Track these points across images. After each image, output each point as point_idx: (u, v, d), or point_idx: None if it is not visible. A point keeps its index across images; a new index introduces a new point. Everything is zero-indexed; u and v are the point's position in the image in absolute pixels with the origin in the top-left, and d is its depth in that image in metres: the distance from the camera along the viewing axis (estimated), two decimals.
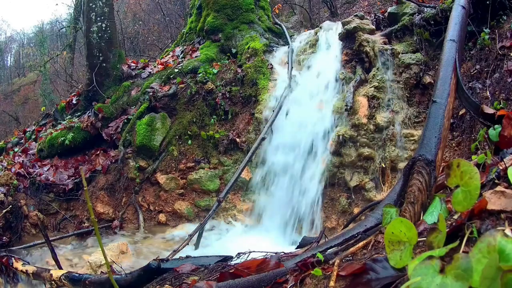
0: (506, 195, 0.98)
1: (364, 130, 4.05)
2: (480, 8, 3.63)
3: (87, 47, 5.91)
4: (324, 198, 4.12)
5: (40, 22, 49.68)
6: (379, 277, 0.97)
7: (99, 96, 5.71)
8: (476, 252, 0.73)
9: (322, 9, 12.72)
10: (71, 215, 4.75)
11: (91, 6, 5.75)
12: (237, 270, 1.46)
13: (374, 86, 4.18)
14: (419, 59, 4.14)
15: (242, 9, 6.01)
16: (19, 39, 38.09)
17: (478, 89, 3.35)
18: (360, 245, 1.28)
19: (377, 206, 1.62)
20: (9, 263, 3.12)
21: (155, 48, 13.34)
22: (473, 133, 3.31)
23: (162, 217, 4.70)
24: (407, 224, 0.98)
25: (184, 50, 6.30)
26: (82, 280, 2.29)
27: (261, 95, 4.95)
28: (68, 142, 5.18)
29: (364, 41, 4.45)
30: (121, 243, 3.58)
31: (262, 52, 5.36)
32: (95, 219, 1.26)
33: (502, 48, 3.37)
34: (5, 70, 32.69)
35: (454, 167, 1.08)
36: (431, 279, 0.76)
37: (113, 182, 4.89)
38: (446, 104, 1.91)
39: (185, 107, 5.24)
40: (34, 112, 17.59)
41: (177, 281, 1.74)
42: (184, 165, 4.96)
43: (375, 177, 3.92)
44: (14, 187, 4.46)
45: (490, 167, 1.36)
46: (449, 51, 2.30)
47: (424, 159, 1.38)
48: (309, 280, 1.14)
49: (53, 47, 23.60)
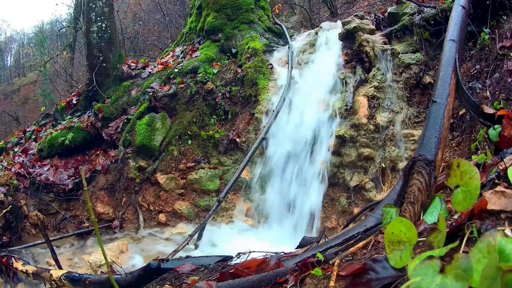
0: (506, 195, 0.98)
1: (364, 130, 4.05)
2: (480, 8, 3.63)
3: (87, 47, 5.91)
4: (324, 198, 4.12)
5: (40, 22, 49.70)
6: (379, 277, 0.97)
7: (99, 96, 5.71)
8: (476, 252, 0.73)
9: (322, 9, 12.73)
10: (71, 215, 4.75)
11: (91, 6, 5.75)
12: (237, 270, 1.46)
13: (374, 86, 4.18)
14: (419, 59, 4.14)
15: (242, 9, 6.01)
16: (19, 39, 38.14)
17: (478, 89, 3.35)
18: (360, 245, 1.28)
19: (377, 206, 1.62)
20: (9, 263, 3.13)
21: (155, 48, 13.34)
22: (473, 133, 3.31)
23: (162, 217, 4.70)
24: (407, 224, 0.98)
25: (184, 50, 6.30)
26: (82, 280, 2.29)
27: (261, 95, 4.95)
28: (68, 142, 5.18)
29: (364, 41, 4.45)
30: (121, 243, 3.58)
31: (262, 52, 5.36)
32: (95, 219, 1.26)
33: (502, 48, 3.37)
34: (5, 70, 32.68)
35: (454, 167, 1.08)
36: (431, 279, 0.76)
37: (113, 182, 4.89)
38: (446, 104, 1.91)
39: (185, 107, 5.24)
40: (34, 112, 17.59)
41: (177, 281, 1.74)
42: (184, 165, 4.96)
43: (375, 177, 3.92)
44: (14, 187, 4.46)
45: (490, 167, 1.36)
46: (449, 51, 2.30)
47: (424, 159, 1.38)
48: (309, 280, 1.15)
49: (53, 47, 23.59)
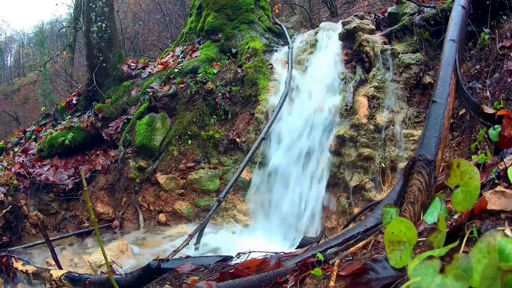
0: (506, 195, 0.98)
1: (364, 130, 4.04)
2: (480, 8, 3.63)
3: (87, 47, 5.91)
4: (324, 198, 4.12)
5: (40, 22, 49.67)
6: (379, 277, 0.97)
7: (99, 96, 5.71)
8: (476, 252, 0.73)
9: (322, 9, 12.73)
10: (71, 215, 4.75)
11: (91, 6, 5.75)
12: (237, 270, 1.46)
13: (374, 86, 4.18)
14: (419, 59, 4.14)
15: (242, 9, 6.01)
16: (19, 39, 38.10)
17: (478, 89, 3.35)
18: (360, 245, 1.28)
19: (377, 206, 1.62)
20: (9, 263, 3.13)
21: (155, 48, 13.33)
22: (473, 133, 3.31)
23: (162, 217, 4.70)
24: (407, 224, 0.98)
25: (184, 50, 6.30)
26: (82, 280, 2.29)
27: (261, 95, 4.95)
28: (68, 142, 5.18)
29: (364, 41, 4.45)
30: (121, 243, 3.58)
31: (262, 52, 5.36)
32: (95, 219, 1.26)
33: (502, 48, 3.37)
34: (5, 70, 32.66)
35: (454, 167, 1.08)
36: (431, 279, 0.76)
37: (113, 182, 4.89)
38: (446, 104, 1.91)
39: (185, 107, 5.23)
40: (34, 112, 17.57)
41: (177, 281, 1.74)
42: (184, 165, 4.96)
43: (375, 177, 3.92)
44: (14, 187, 4.46)
45: (490, 167, 1.36)
46: (449, 51, 2.30)
47: (424, 159, 1.38)
48: (309, 280, 1.14)
49: (53, 47, 23.58)
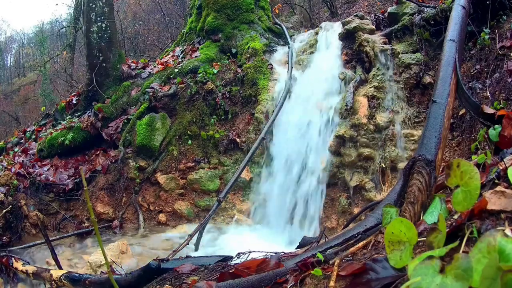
0: (506, 195, 0.98)
1: (364, 130, 4.04)
2: (480, 8, 3.63)
3: (87, 47, 5.91)
4: (324, 198, 4.12)
5: (40, 22, 49.66)
6: (379, 277, 0.97)
7: (99, 96, 5.71)
8: (476, 252, 0.73)
9: (322, 9, 12.72)
10: (71, 215, 4.75)
11: (91, 6, 5.75)
12: (237, 270, 1.46)
13: (374, 86, 4.18)
14: (419, 59, 4.14)
15: (242, 9, 6.01)
16: (19, 39, 38.09)
17: (478, 89, 3.35)
18: (360, 245, 1.27)
19: (377, 206, 1.62)
20: (9, 263, 3.13)
21: (155, 48, 13.33)
22: (473, 133, 3.31)
23: (162, 217, 4.70)
24: (407, 224, 0.98)
25: (184, 50, 6.30)
26: (82, 280, 2.29)
27: (261, 95, 4.95)
28: (68, 142, 5.18)
29: (364, 41, 4.45)
30: (121, 243, 3.57)
31: (262, 52, 5.36)
32: (95, 219, 1.26)
33: (502, 48, 3.36)
34: (5, 70, 32.65)
35: (454, 167, 1.08)
36: (431, 279, 0.76)
37: (113, 182, 4.89)
38: (446, 104, 1.91)
39: (185, 107, 5.23)
40: (34, 112, 17.57)
41: (177, 281, 1.74)
42: (184, 165, 4.96)
43: (375, 177, 3.92)
44: (14, 187, 4.46)
45: (490, 167, 1.36)
46: (449, 51, 2.30)
47: (424, 159, 1.38)
48: (309, 280, 1.14)
49: (53, 47, 23.57)
